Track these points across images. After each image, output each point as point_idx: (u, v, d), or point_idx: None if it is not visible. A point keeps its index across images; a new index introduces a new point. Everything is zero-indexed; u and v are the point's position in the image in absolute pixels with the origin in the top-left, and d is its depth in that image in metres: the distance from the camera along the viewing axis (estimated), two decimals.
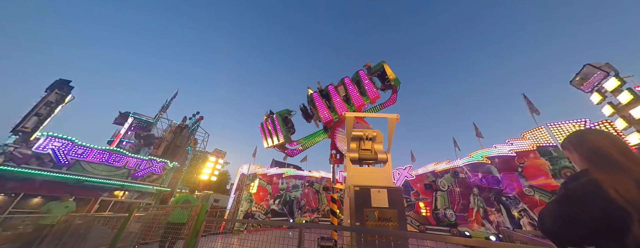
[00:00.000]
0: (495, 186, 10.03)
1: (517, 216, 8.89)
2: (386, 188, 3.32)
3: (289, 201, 15.22)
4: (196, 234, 3.25)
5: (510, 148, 10.14)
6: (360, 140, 4.14)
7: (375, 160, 4.04)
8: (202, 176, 15.72)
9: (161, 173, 11.62)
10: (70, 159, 8.96)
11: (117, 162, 10.23)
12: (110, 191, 9.89)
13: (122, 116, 17.97)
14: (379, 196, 3.25)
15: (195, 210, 3.50)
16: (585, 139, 0.98)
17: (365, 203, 3.19)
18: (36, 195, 8.20)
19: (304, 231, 2.71)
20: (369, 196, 3.24)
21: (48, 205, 6.02)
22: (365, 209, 3.14)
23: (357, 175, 3.72)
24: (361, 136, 4.11)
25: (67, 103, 9.99)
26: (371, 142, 4.14)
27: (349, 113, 3.94)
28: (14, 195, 7.77)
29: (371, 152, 4.07)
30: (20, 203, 7.77)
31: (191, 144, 16.05)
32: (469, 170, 11.23)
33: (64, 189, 8.43)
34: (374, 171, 3.85)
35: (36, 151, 8.29)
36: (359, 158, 4.00)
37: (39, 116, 8.65)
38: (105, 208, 9.59)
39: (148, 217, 5.17)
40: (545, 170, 8.88)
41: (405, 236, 2.29)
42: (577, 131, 1.05)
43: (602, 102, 8.28)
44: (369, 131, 4.16)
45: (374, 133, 4.20)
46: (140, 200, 10.72)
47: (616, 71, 7.97)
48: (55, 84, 9.57)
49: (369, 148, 4.09)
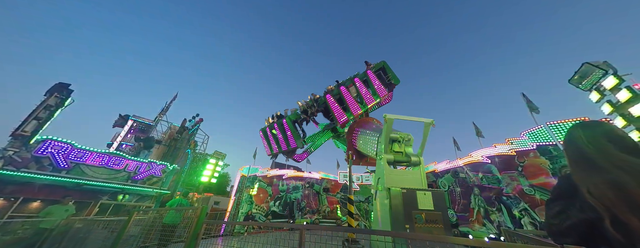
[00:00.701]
0: (496, 186, 10.02)
1: (518, 215, 8.86)
2: (431, 191, 3.36)
3: (289, 203, 15.17)
4: (196, 237, 3.23)
5: (510, 148, 10.14)
6: (395, 143, 4.17)
7: (408, 162, 4.06)
8: (202, 179, 15.69)
9: (161, 176, 11.59)
10: (69, 162, 8.94)
11: (117, 165, 10.21)
12: (109, 195, 9.86)
13: (122, 118, 17.96)
14: (424, 199, 3.28)
15: (194, 213, 3.48)
16: (568, 137, 0.97)
17: (413, 205, 3.19)
18: (35, 199, 8.17)
19: (304, 233, 2.70)
20: (415, 198, 3.25)
21: (48, 208, 6.00)
22: (413, 211, 3.15)
23: (394, 177, 3.71)
24: (398, 138, 4.13)
25: (66, 107, 9.98)
26: (403, 145, 4.18)
27: (390, 114, 3.96)
28: (13, 199, 7.74)
29: (403, 154, 4.10)
30: (19, 207, 7.74)
31: (191, 146, 16.03)
32: (469, 169, 11.21)
33: (64, 193, 8.40)
34: (407, 174, 3.87)
35: (36, 154, 8.27)
36: (393, 160, 4.02)
37: (39, 120, 8.64)
38: (105, 211, 9.55)
39: (148, 220, 5.15)
40: (545, 169, 8.87)
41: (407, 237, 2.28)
42: (573, 126, 1.02)
43: (601, 100, 8.29)
44: (404, 134, 4.20)
45: (410, 136, 4.22)
46: (141, 203, 10.68)
47: (614, 69, 7.99)
48: (55, 87, 9.57)
49: (401, 151, 4.12)
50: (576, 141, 0.91)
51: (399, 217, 3.14)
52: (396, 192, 3.32)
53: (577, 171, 0.86)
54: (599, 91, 8.31)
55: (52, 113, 9.13)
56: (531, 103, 11.85)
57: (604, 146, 0.83)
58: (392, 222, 3.11)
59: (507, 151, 10.15)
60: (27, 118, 8.46)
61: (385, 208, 3.31)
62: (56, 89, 9.51)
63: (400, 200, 3.23)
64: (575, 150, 0.90)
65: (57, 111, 9.39)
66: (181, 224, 5.77)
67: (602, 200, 0.71)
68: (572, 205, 0.83)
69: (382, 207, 3.49)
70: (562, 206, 0.87)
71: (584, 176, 0.81)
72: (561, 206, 0.88)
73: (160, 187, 11.39)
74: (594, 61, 8.34)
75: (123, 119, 17.92)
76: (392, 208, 3.21)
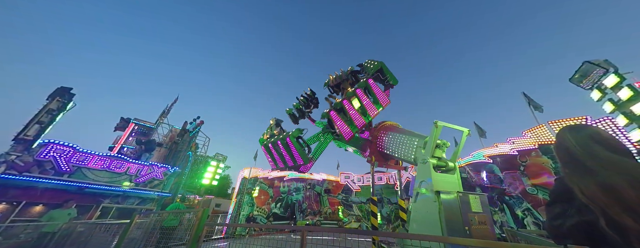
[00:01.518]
0: (498, 186, 9.96)
1: (520, 215, 8.80)
2: (478, 194, 3.60)
3: (290, 205, 15.13)
4: (197, 239, 3.24)
5: (511, 147, 10.09)
6: (437, 148, 4.41)
7: (446, 167, 4.22)
8: (204, 181, 15.69)
9: (162, 179, 11.60)
10: (71, 166, 8.97)
11: (118, 168, 10.23)
12: (111, 198, 9.87)
13: (124, 121, 18.03)
14: (475, 202, 3.47)
15: (196, 216, 3.49)
16: (558, 140, 1.00)
17: (468, 208, 3.38)
18: (38, 203, 8.18)
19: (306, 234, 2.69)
20: (469, 201, 3.44)
21: (50, 213, 6.03)
22: (469, 213, 3.32)
23: (439, 180, 3.89)
24: (440, 144, 4.38)
25: (68, 110, 10.04)
26: (440, 150, 4.36)
27: (440, 121, 4.20)
28: (15, 203, 7.76)
29: (443, 160, 4.32)
30: (22, 211, 7.76)
31: (192, 148, 16.05)
32: (471, 169, 11.16)
33: (66, 196, 8.42)
34: (447, 177, 4.06)
35: (38, 158, 8.30)
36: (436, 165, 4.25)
37: (41, 124, 8.69)
38: (106, 214, 9.56)
39: (149, 223, 5.16)
40: (548, 168, 8.83)
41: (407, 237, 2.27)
42: (561, 129, 1.03)
43: (603, 99, 8.25)
44: (445, 141, 4.49)
45: (448, 143, 4.56)
46: (142, 206, 10.69)
47: (615, 68, 7.96)
48: (57, 91, 9.63)
49: (439, 156, 4.31)
50: (565, 144, 0.93)
51: (456, 219, 3.29)
52: (452, 196, 3.45)
53: (569, 173, 0.88)
54: (600, 89, 8.28)
55: (54, 117, 9.18)
56: (533, 102, 11.82)
57: (591, 148, 0.84)
58: (444, 225, 3.22)
59: (508, 151, 10.11)
60: (29, 122, 8.51)
61: (434, 211, 3.41)
62: (58, 93, 9.57)
63: (458, 203, 3.39)
64: (565, 153, 0.92)
65: (59, 115, 9.44)
66: (181, 227, 5.88)
67: (595, 201, 0.72)
68: (571, 207, 0.84)
69: (428, 210, 3.55)
70: (561, 208, 0.89)
71: (575, 178, 0.83)
72: (561, 208, 0.89)
73: (161, 190, 11.40)
74: (594, 60, 8.31)
75: (125, 122, 18.00)
76: (445, 211, 3.32)
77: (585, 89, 8.85)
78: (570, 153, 0.90)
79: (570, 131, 0.95)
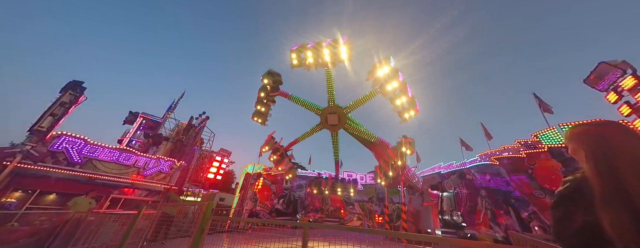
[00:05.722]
0: (504, 188, 9.79)
1: (526, 219, 8.64)
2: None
3: (293, 201, 15.29)
4: (202, 232, 3.32)
5: (520, 149, 9.86)
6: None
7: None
8: (209, 175, 16.01)
9: (169, 172, 11.88)
10: (82, 157, 9.28)
11: (127, 161, 10.52)
12: (120, 189, 10.19)
13: (132, 115, 18.47)
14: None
15: (200, 209, 3.57)
16: (596, 133, 0.84)
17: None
18: (51, 192, 8.53)
19: (308, 230, 2.73)
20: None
21: (74, 199, 6.43)
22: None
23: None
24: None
25: (80, 104, 10.34)
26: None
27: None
28: (30, 191, 8.11)
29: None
30: (36, 199, 8.11)
31: (197, 143, 16.34)
32: (477, 171, 10.99)
33: (78, 186, 8.75)
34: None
35: (51, 149, 8.62)
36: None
37: (54, 116, 8.99)
38: (115, 205, 9.89)
39: (156, 214, 5.32)
40: (557, 172, 8.60)
41: (407, 237, 2.26)
42: (592, 125, 0.88)
43: (619, 101, 7.94)
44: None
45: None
46: (149, 197, 11.00)
47: (634, 69, 7.63)
48: (69, 85, 9.92)
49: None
50: (609, 142, 0.78)
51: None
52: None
53: (599, 177, 0.75)
54: (616, 91, 7.96)
55: (67, 110, 9.48)
56: (544, 103, 11.49)
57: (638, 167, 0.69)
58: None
59: (517, 154, 9.89)
60: (43, 115, 8.82)
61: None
62: (70, 87, 9.86)
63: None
64: (601, 153, 0.78)
65: (72, 107, 9.74)
66: (186, 220, 6.19)
67: (621, 237, 0.64)
68: (577, 209, 0.81)
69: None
70: (566, 210, 0.86)
71: (605, 189, 0.71)
72: (565, 210, 0.87)
73: (167, 183, 11.69)
74: (611, 60, 7.99)
75: (133, 116, 18.43)
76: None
77: (601, 91, 8.53)
78: (608, 156, 0.75)
79: (617, 129, 0.78)
